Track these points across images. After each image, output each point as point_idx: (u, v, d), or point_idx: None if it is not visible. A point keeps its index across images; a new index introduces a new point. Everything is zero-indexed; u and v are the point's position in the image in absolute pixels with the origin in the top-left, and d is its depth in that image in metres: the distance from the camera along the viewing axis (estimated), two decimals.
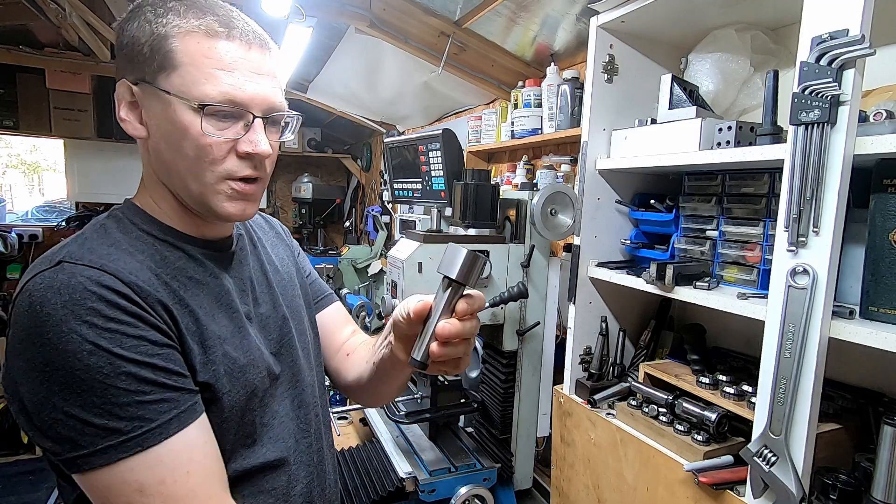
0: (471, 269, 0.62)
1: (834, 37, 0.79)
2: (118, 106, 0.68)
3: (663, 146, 1.18)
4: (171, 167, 0.68)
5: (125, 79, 0.67)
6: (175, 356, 0.63)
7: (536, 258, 1.62)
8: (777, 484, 0.86)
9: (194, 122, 0.64)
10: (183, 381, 0.63)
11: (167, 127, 0.65)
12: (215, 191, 0.68)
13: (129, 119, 0.68)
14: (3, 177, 15.18)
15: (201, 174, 0.66)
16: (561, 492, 1.44)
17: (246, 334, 0.74)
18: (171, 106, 0.64)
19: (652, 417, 1.17)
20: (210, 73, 0.63)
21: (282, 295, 0.85)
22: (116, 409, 0.57)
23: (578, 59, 2.01)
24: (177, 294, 0.67)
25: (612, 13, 1.26)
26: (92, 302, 0.58)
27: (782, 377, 0.86)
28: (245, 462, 0.72)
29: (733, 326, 1.33)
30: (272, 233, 0.94)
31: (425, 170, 1.91)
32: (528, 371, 1.68)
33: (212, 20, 0.65)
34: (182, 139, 0.65)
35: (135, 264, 0.64)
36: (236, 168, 0.68)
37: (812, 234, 0.83)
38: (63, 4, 2.44)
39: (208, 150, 0.65)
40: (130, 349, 0.59)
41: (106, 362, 0.57)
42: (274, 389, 0.78)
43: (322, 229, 4.96)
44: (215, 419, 0.67)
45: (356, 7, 2.14)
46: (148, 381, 0.59)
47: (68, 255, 0.62)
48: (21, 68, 3.72)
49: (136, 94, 0.67)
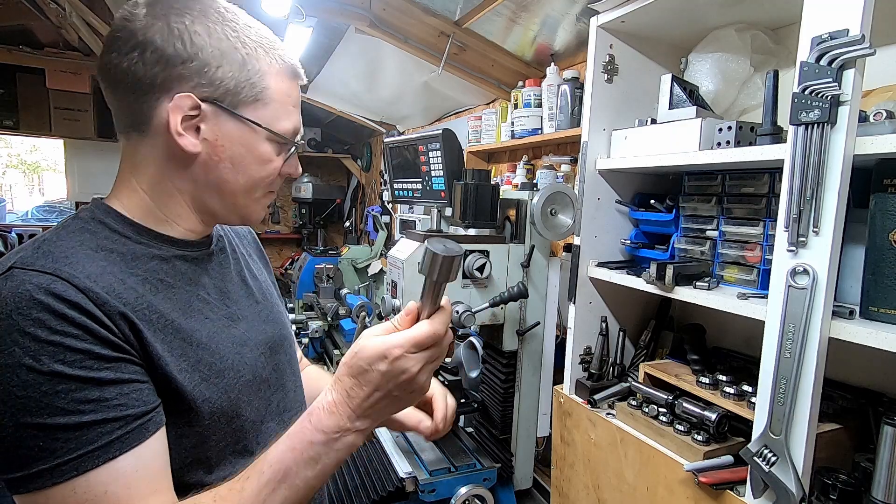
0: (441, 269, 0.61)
1: (834, 37, 0.79)
2: (173, 118, 0.64)
3: (663, 146, 1.18)
4: (225, 185, 0.71)
5: (188, 91, 0.64)
6: (128, 368, 0.59)
7: (536, 258, 1.62)
8: (777, 484, 0.86)
9: (271, 152, 0.72)
10: (135, 396, 0.59)
11: (240, 151, 0.69)
12: (259, 203, 0.75)
13: (185, 133, 0.66)
14: (3, 177, 15.18)
15: (254, 191, 0.73)
16: (561, 492, 1.44)
17: (226, 337, 0.72)
18: (254, 135, 0.69)
19: (652, 417, 1.17)
20: (288, 111, 0.72)
21: (262, 298, 0.84)
22: (52, 430, 0.54)
23: (578, 59, 2.01)
24: (144, 299, 0.64)
25: (612, 13, 1.26)
26: (37, 312, 0.55)
27: (782, 377, 0.86)
28: (234, 469, 0.70)
29: (733, 326, 1.33)
30: (249, 238, 0.95)
31: (425, 170, 1.91)
32: (528, 371, 1.68)
33: (290, 61, 0.73)
34: (254, 164, 0.71)
35: (95, 268, 0.61)
36: (276, 184, 0.77)
37: (812, 235, 0.83)
38: (63, 4, 2.44)
39: (273, 173, 0.73)
40: (73, 364, 0.55)
41: (45, 379, 0.54)
42: (261, 393, 0.77)
43: (322, 229, 4.96)
44: (195, 428, 0.66)
45: (356, 7, 2.14)
46: (89, 401, 0.56)
47: (20, 260, 0.59)
48: (21, 68, 3.72)
49: (203, 111, 0.65)
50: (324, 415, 0.63)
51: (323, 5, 2.10)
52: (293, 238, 5.27)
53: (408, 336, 0.61)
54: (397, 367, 0.60)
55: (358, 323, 2.45)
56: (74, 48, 3.48)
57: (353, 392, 0.62)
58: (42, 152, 15.07)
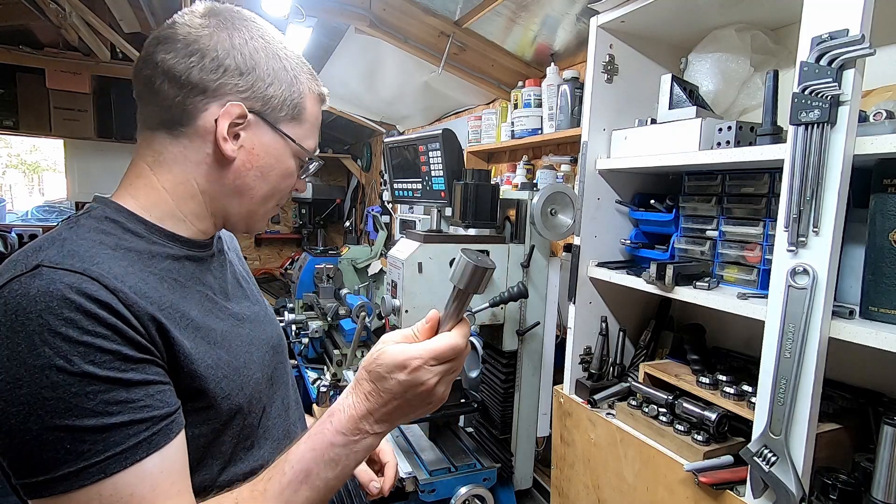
0: (473, 279, 0.63)
1: (834, 37, 0.79)
2: (221, 122, 0.68)
3: (663, 146, 1.18)
4: (248, 191, 0.75)
5: (238, 101, 0.69)
6: (152, 369, 0.60)
7: (536, 258, 1.62)
8: (777, 484, 0.86)
9: (295, 167, 0.78)
10: (159, 397, 0.59)
11: (270, 161, 0.74)
12: (268, 213, 0.80)
13: (229, 139, 0.70)
14: (3, 177, 15.18)
15: (271, 202, 0.79)
16: (561, 492, 1.44)
17: (236, 336, 0.74)
18: (286, 148, 0.75)
19: (652, 417, 1.17)
20: (314, 132, 0.79)
21: (255, 299, 0.87)
22: (80, 432, 0.54)
23: (578, 59, 2.01)
24: (167, 298, 0.65)
25: (612, 13, 1.26)
26: (69, 311, 0.54)
27: (782, 377, 0.86)
28: (244, 465, 0.72)
29: (733, 326, 1.33)
30: (234, 241, 0.96)
31: (425, 170, 1.91)
32: (528, 371, 1.68)
33: (321, 88, 0.80)
34: (279, 176, 0.76)
35: (119, 268, 0.61)
36: (286, 198, 0.82)
37: (812, 234, 0.83)
38: (63, 4, 2.44)
39: (290, 186, 0.80)
40: (103, 365, 0.55)
41: (76, 380, 0.54)
42: (268, 390, 0.79)
43: (322, 229, 4.96)
44: (213, 424, 0.67)
45: (356, 7, 2.14)
46: (117, 402, 0.56)
47: (47, 258, 0.58)
48: (21, 68, 3.72)
49: (248, 121, 0.70)
50: (344, 417, 0.63)
51: (323, 5, 2.10)
52: (293, 238, 5.28)
53: (429, 348, 0.62)
54: (415, 378, 0.61)
55: (358, 323, 2.45)
56: (74, 48, 3.48)
57: (372, 398, 0.63)
58: (42, 152, 15.07)
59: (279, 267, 4.85)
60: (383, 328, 2.70)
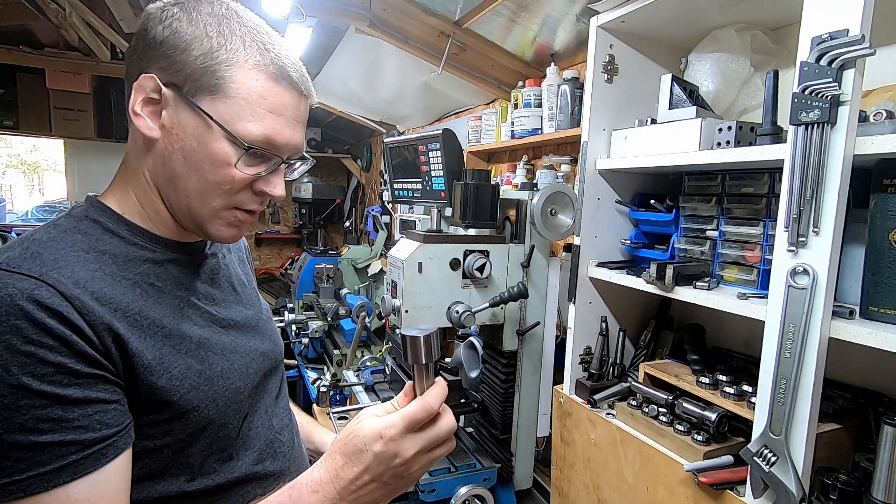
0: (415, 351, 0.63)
1: (834, 37, 0.79)
2: (134, 96, 0.63)
3: (663, 146, 1.18)
4: (178, 180, 0.65)
5: (154, 73, 0.62)
6: (98, 386, 0.56)
7: (536, 258, 1.62)
8: (777, 484, 0.86)
9: (229, 154, 0.64)
10: (98, 418, 0.55)
11: (192, 145, 0.63)
12: (218, 216, 0.68)
13: (143, 115, 0.63)
14: (3, 177, 15.18)
15: (210, 198, 0.66)
16: (561, 492, 1.44)
17: (216, 344, 0.71)
18: (208, 130, 0.63)
19: (652, 417, 1.17)
20: (259, 113, 0.63)
21: (250, 305, 0.83)
22: (5, 447, 0.51)
23: (578, 59, 2.01)
24: (135, 304, 0.62)
25: (612, 13, 1.26)
26: (15, 318, 0.52)
27: (782, 377, 0.86)
28: (218, 477, 0.69)
29: (733, 326, 1.33)
30: (238, 244, 0.93)
31: (425, 170, 1.91)
32: (528, 371, 1.68)
33: (278, 62, 0.64)
34: (206, 163, 0.64)
35: (85, 272, 0.58)
36: (247, 201, 0.68)
37: (812, 235, 0.83)
38: (63, 4, 2.45)
39: (230, 181, 0.65)
40: (42, 378, 0.52)
41: (9, 391, 0.51)
42: (250, 399, 0.75)
43: (322, 229, 4.96)
44: (177, 436, 0.64)
45: (356, 7, 2.14)
46: (49, 419, 0.52)
47: (6, 261, 0.56)
48: (21, 68, 3.72)
49: (163, 95, 0.63)
50: (305, 491, 0.61)
51: (323, 5, 2.10)
52: (293, 238, 5.27)
53: (402, 413, 0.61)
54: (391, 448, 0.59)
55: (358, 323, 2.45)
56: (74, 48, 3.48)
57: (343, 472, 0.60)
58: (42, 152, 15.06)
59: (279, 267, 4.85)
60: (383, 328, 2.70)
